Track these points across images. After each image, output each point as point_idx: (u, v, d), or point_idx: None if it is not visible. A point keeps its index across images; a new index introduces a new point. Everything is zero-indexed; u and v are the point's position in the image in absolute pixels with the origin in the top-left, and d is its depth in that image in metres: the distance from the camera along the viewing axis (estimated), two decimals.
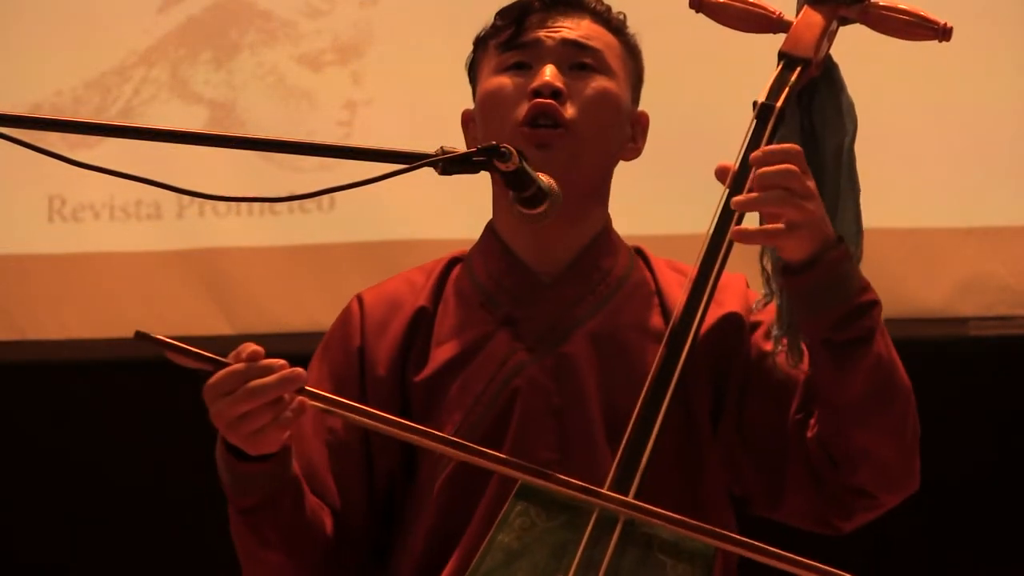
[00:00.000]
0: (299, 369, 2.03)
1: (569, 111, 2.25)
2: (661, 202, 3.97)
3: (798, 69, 2.16)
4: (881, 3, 2.21)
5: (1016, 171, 4.08)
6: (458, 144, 2.15)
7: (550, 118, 2.23)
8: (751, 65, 2.34)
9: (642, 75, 2.36)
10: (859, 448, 2.12)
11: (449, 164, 2.03)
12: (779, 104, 2.13)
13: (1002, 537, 4.18)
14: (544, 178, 2.08)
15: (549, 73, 2.25)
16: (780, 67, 2.17)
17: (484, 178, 2.17)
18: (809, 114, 2.19)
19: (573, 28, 2.29)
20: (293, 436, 2.11)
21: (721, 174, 2.09)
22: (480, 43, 2.35)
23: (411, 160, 2.01)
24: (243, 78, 4.33)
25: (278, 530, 2.14)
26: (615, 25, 2.33)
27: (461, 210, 3.42)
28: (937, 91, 4.08)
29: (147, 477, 4.36)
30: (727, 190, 2.08)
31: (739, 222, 2.06)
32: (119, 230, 4.29)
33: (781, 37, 2.20)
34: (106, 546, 4.42)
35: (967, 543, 4.18)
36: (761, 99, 2.14)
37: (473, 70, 2.36)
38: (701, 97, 4.02)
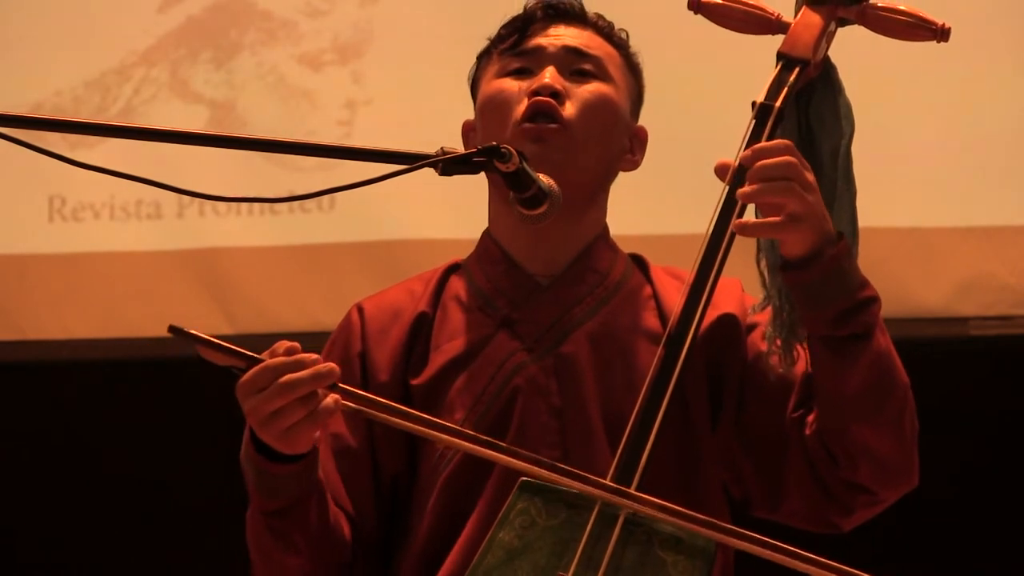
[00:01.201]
0: (332, 364, 2.03)
1: (567, 110, 2.26)
2: (659, 203, 3.97)
3: (796, 70, 2.16)
4: (879, 4, 2.21)
5: (1016, 171, 4.08)
6: (458, 146, 2.16)
7: (548, 116, 2.25)
8: (749, 67, 2.34)
9: (642, 93, 2.39)
10: (858, 443, 2.12)
11: (449, 165, 2.03)
12: (778, 104, 2.13)
13: (1001, 536, 4.18)
14: (544, 178, 2.08)
15: (549, 75, 2.28)
16: (779, 68, 2.17)
17: (484, 179, 2.17)
18: (807, 115, 2.20)
19: (575, 37, 2.32)
20: None
21: (721, 171, 2.08)
22: (483, 55, 2.37)
23: (411, 160, 2.01)
24: (243, 78, 4.33)
25: (304, 534, 2.13)
26: (616, 40, 2.36)
27: (461, 210, 3.42)
28: (937, 91, 4.08)
29: (148, 477, 4.36)
30: (726, 187, 2.08)
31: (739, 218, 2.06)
32: (119, 230, 4.29)
33: (780, 38, 2.20)
34: (107, 546, 4.42)
35: (966, 542, 4.18)
36: (760, 99, 2.14)
37: (476, 81, 2.38)
38: (699, 98, 4.02)
